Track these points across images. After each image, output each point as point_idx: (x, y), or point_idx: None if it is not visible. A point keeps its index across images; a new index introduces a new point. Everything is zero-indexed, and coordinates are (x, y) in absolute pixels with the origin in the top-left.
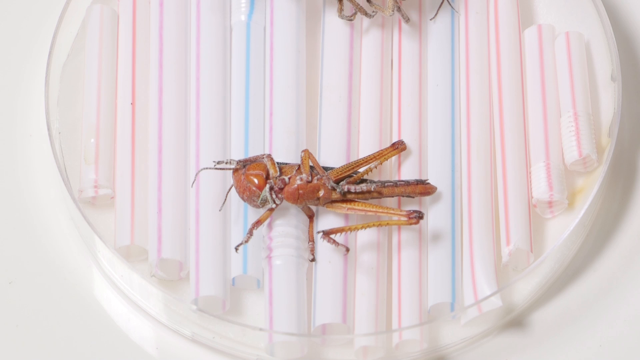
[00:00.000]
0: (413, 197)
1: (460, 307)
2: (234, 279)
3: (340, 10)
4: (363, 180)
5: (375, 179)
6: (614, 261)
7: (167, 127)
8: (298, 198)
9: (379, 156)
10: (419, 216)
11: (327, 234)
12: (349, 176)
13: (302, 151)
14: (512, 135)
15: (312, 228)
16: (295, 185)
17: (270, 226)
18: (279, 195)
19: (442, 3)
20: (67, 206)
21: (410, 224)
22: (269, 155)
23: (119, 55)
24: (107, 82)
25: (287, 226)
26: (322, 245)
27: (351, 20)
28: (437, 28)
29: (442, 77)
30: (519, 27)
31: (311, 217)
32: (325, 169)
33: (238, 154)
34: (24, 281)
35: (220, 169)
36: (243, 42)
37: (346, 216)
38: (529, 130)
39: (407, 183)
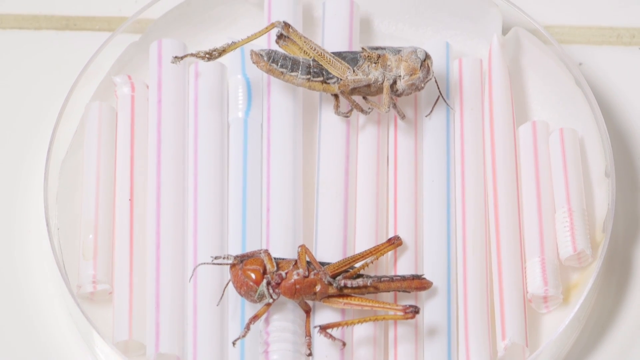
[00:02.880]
0: (409, 292)
1: None
2: None
3: (337, 106)
4: (359, 275)
5: (372, 274)
6: (610, 356)
7: (165, 222)
8: (295, 293)
9: (375, 251)
10: (414, 311)
11: (323, 328)
12: (346, 271)
13: (299, 246)
14: (507, 231)
15: (309, 323)
16: (292, 280)
17: (267, 321)
18: (276, 290)
19: (437, 100)
20: (65, 301)
21: (407, 318)
22: (266, 251)
23: (117, 151)
24: (106, 178)
25: (284, 321)
26: (318, 339)
27: (347, 116)
28: (433, 124)
29: (438, 173)
30: (514, 123)
31: (308, 311)
32: (322, 264)
33: (235, 249)
34: None
35: (218, 264)
36: (240, 138)
37: (343, 311)
38: (524, 226)
39: (403, 278)
